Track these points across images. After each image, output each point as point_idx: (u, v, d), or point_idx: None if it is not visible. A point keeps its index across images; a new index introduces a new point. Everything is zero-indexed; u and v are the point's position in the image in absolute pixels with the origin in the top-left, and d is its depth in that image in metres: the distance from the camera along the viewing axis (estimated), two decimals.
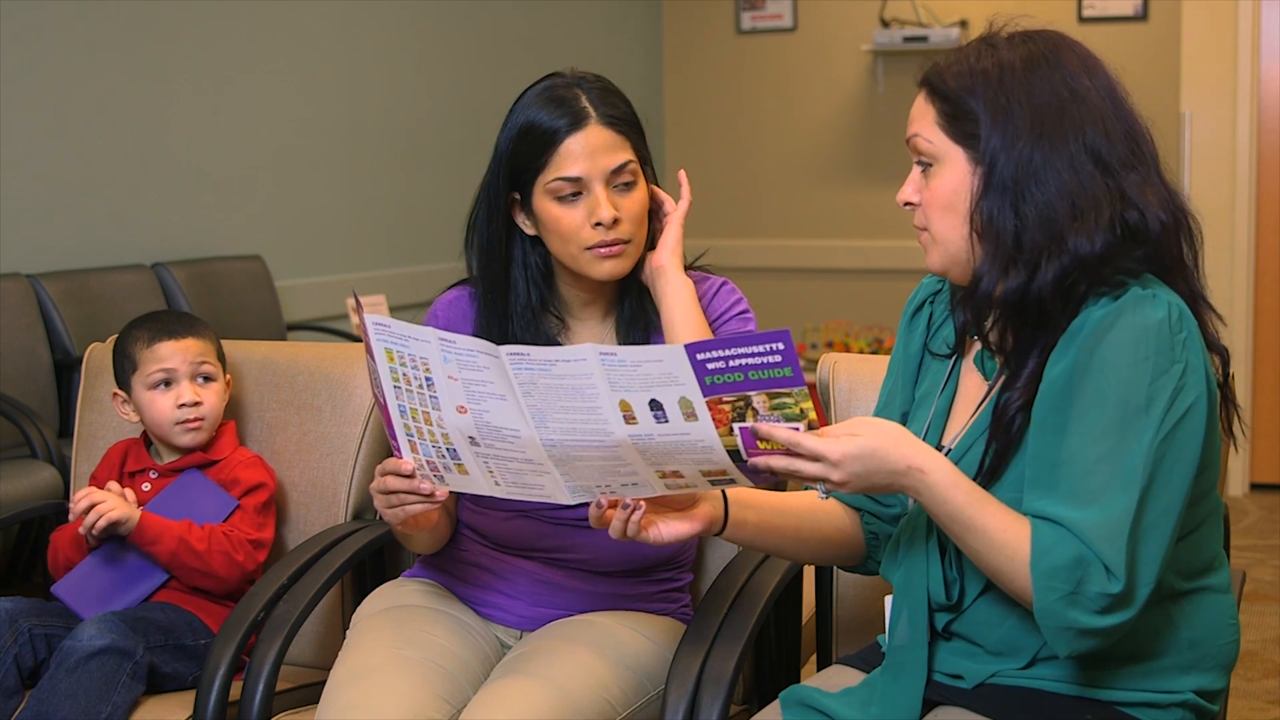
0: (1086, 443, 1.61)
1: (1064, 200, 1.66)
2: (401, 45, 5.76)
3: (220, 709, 2.11)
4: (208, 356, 2.47)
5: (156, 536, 2.33)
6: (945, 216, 1.72)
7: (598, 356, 1.60)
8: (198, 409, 2.44)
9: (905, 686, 1.76)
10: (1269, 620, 4.11)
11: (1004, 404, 1.70)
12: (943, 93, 1.72)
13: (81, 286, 4.43)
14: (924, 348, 1.90)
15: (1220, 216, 5.48)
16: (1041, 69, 1.70)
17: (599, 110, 2.05)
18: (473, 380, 1.71)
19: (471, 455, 1.77)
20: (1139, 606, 1.60)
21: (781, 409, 1.56)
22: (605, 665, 2.02)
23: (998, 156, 1.68)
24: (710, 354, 1.55)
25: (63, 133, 4.53)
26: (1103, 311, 1.63)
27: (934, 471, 1.62)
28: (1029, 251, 1.66)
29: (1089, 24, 6.17)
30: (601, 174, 2.04)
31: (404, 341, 1.75)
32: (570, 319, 2.17)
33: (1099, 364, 1.62)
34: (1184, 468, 1.63)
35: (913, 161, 1.77)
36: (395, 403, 1.80)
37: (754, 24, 6.85)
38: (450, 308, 2.20)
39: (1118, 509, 1.59)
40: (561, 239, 2.07)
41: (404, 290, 5.56)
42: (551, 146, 2.04)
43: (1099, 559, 1.58)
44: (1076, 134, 1.68)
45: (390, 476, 1.87)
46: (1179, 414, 1.62)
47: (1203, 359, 1.66)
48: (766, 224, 6.89)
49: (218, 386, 2.47)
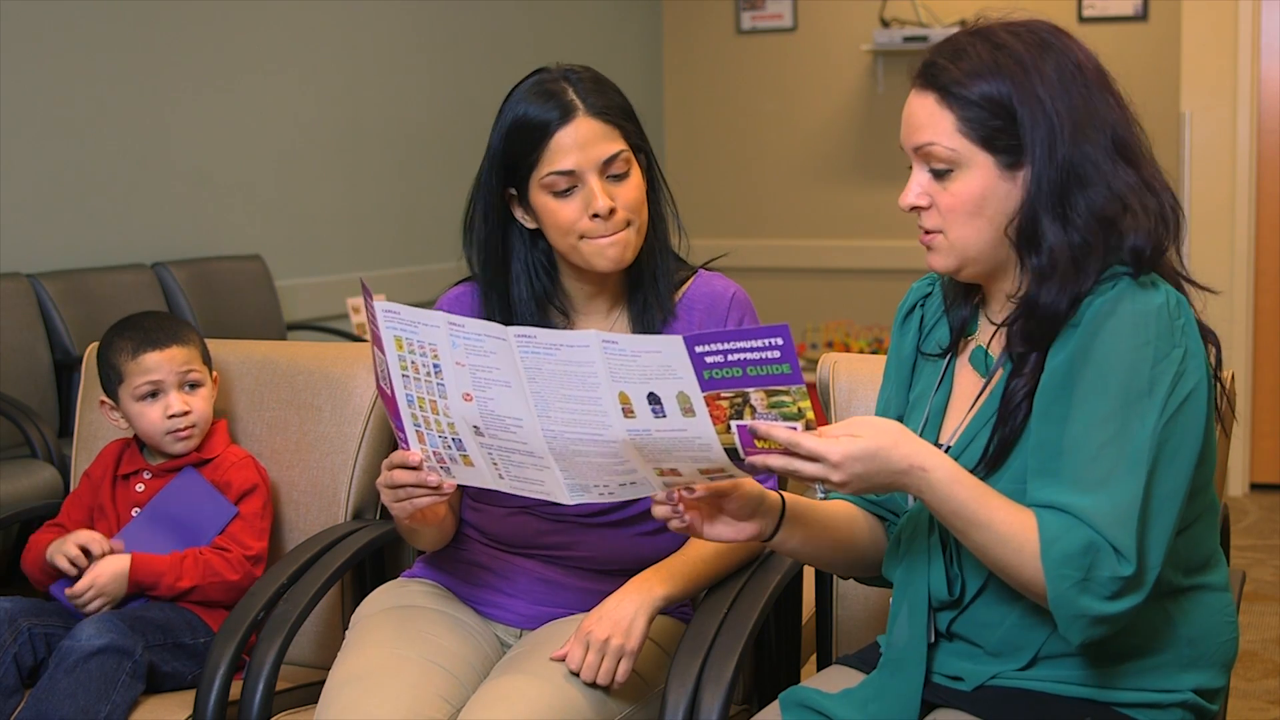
0: (1090, 429, 1.61)
1: (1113, 199, 1.66)
2: (401, 46, 5.76)
3: (220, 708, 2.11)
4: (193, 364, 2.46)
5: (153, 583, 2.35)
6: (970, 222, 1.70)
7: (600, 343, 1.61)
8: (187, 418, 2.44)
9: (903, 685, 1.76)
10: (1269, 620, 4.11)
11: (1013, 389, 1.70)
12: (962, 97, 1.68)
13: (81, 286, 4.43)
14: (916, 350, 1.90)
15: (1220, 216, 5.48)
16: (1054, 60, 1.69)
17: (587, 102, 2.05)
18: (479, 366, 1.72)
19: (476, 446, 1.78)
20: (1148, 590, 1.61)
21: (779, 407, 1.56)
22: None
23: (1041, 162, 1.66)
24: (709, 347, 1.55)
25: (63, 133, 4.52)
26: (1102, 300, 1.64)
27: (937, 469, 1.61)
28: (1085, 258, 1.65)
29: (1089, 24, 6.17)
30: (594, 165, 2.05)
31: (413, 328, 1.76)
32: (575, 314, 2.17)
33: (1100, 351, 1.62)
34: (1187, 452, 1.63)
35: (912, 164, 1.74)
36: (404, 392, 1.81)
37: (754, 24, 6.85)
38: (455, 304, 2.21)
39: (1125, 493, 1.59)
40: (560, 232, 2.07)
41: (404, 290, 5.56)
42: (543, 141, 2.05)
43: (1109, 543, 1.58)
44: (1103, 127, 1.68)
45: (398, 469, 1.88)
46: (1181, 398, 1.62)
47: (1201, 346, 1.67)
48: (766, 224, 6.89)
49: (205, 391, 2.47)
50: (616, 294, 2.17)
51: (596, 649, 1.97)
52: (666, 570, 2.06)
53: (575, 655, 1.97)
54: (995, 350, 1.79)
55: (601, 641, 1.97)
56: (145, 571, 2.34)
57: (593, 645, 1.97)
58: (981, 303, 1.83)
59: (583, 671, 1.96)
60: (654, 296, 2.15)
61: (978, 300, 1.84)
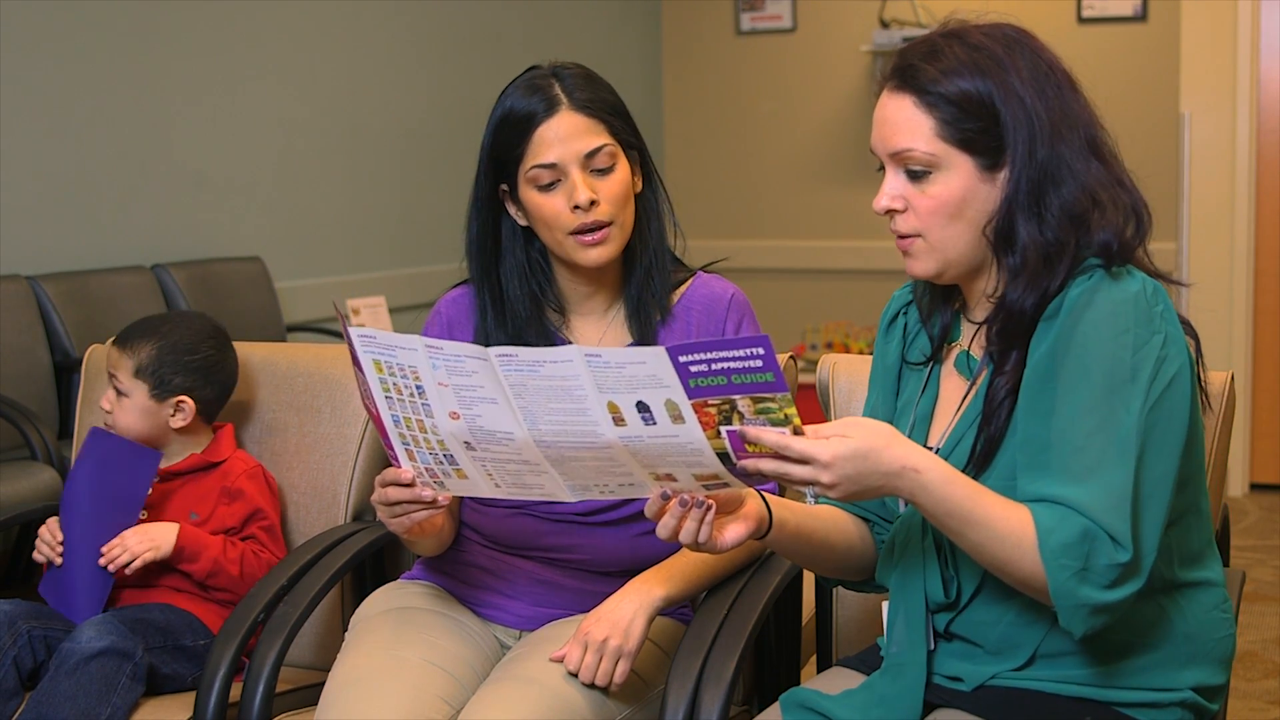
0: (1075, 419, 1.61)
1: (1084, 195, 1.66)
2: (401, 46, 5.76)
3: (220, 710, 2.11)
4: (118, 371, 2.47)
5: (195, 554, 2.38)
6: (950, 224, 1.70)
7: (583, 358, 1.60)
8: (106, 416, 2.49)
9: (905, 688, 1.76)
10: (1269, 620, 4.11)
11: (996, 387, 1.70)
12: (941, 96, 1.67)
13: (81, 288, 4.43)
14: (901, 358, 1.89)
15: (1220, 216, 5.48)
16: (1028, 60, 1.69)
17: (572, 96, 2.07)
18: (463, 385, 1.70)
19: (469, 459, 1.77)
20: (1145, 576, 1.61)
21: (766, 413, 1.56)
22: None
23: (1021, 162, 1.66)
24: (692, 357, 1.55)
25: (63, 133, 4.53)
26: (1079, 291, 1.64)
27: (929, 470, 1.61)
28: (1057, 256, 1.66)
29: (1089, 24, 6.18)
30: (576, 158, 2.05)
31: (390, 351, 1.75)
32: (571, 314, 2.17)
33: (1080, 341, 1.62)
34: (1175, 436, 1.63)
35: (884, 166, 1.73)
36: (389, 413, 1.79)
37: (753, 25, 6.85)
38: (453, 305, 2.21)
39: (1116, 480, 1.59)
40: (546, 226, 2.08)
41: (403, 291, 5.56)
42: (527, 134, 2.06)
43: (1104, 530, 1.58)
44: (1077, 126, 1.69)
45: (391, 487, 1.87)
46: (1164, 382, 1.62)
47: (1181, 331, 1.67)
48: (766, 224, 6.89)
49: (127, 402, 2.46)
50: (613, 294, 2.17)
51: (595, 650, 1.97)
52: (666, 571, 2.06)
53: (574, 656, 1.98)
54: (978, 352, 1.79)
55: (600, 642, 1.97)
56: (193, 539, 2.37)
57: (591, 646, 1.97)
58: (962, 307, 1.83)
59: (581, 672, 1.97)
60: (649, 295, 2.14)
61: (958, 306, 1.83)
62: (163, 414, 2.47)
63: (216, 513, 2.44)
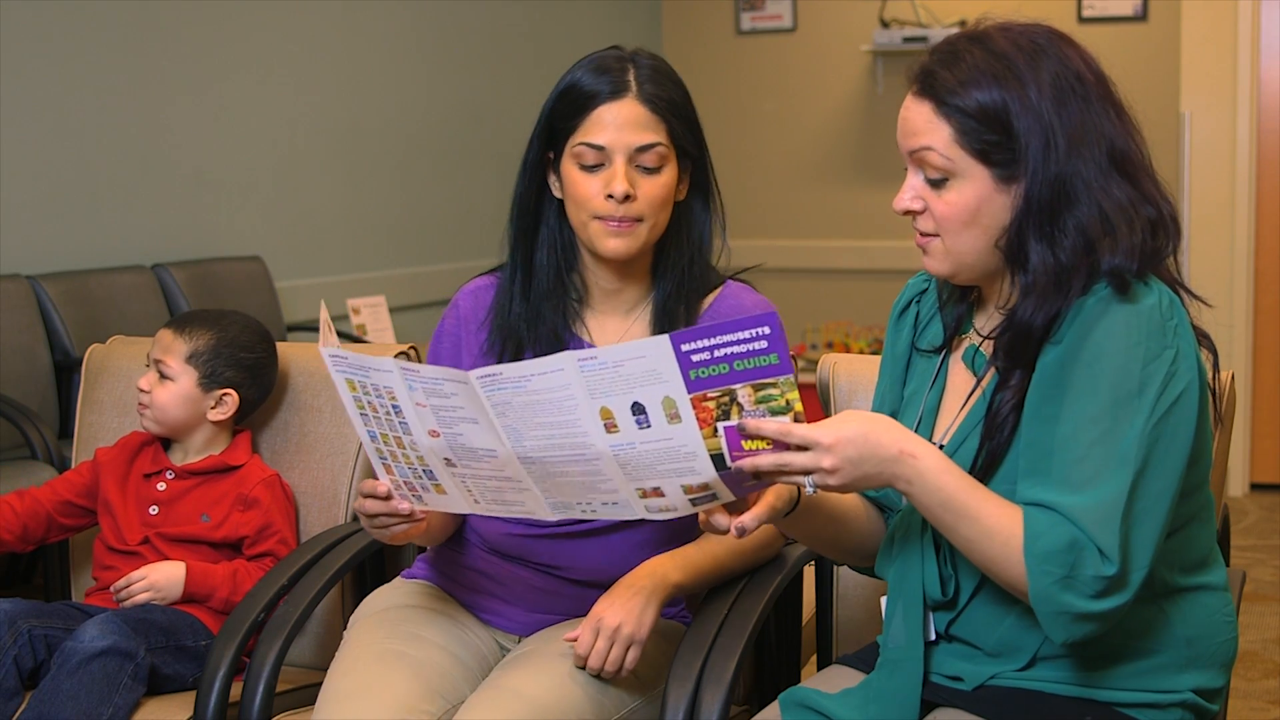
0: (1079, 429, 1.61)
1: (1097, 216, 1.65)
2: (401, 46, 5.76)
3: (220, 710, 2.11)
4: (168, 355, 2.48)
5: (205, 596, 2.38)
6: (965, 231, 1.70)
7: (576, 364, 1.58)
8: (143, 396, 2.49)
9: (902, 685, 1.76)
10: (1269, 620, 4.11)
11: (999, 403, 1.70)
12: (958, 108, 1.67)
13: (81, 287, 4.43)
14: (911, 346, 1.89)
15: (1220, 216, 5.48)
16: (1052, 70, 1.67)
17: (641, 87, 2.04)
18: (442, 406, 1.68)
19: (448, 475, 1.76)
20: (1133, 591, 1.60)
21: (767, 401, 1.55)
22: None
23: (1034, 177, 1.65)
24: (695, 344, 1.54)
25: (63, 133, 4.52)
26: (1095, 300, 1.63)
27: (925, 457, 1.61)
28: (1068, 280, 1.65)
29: (1089, 24, 6.18)
30: (626, 148, 2.03)
31: (364, 372, 1.73)
32: (592, 308, 2.15)
33: (1091, 350, 1.62)
34: (1177, 453, 1.63)
35: (907, 166, 1.73)
36: (364, 429, 1.78)
37: (754, 24, 6.85)
38: (471, 298, 2.19)
39: (1110, 493, 1.59)
40: (576, 204, 2.06)
41: (403, 291, 5.56)
42: (585, 110, 2.04)
43: (1092, 542, 1.58)
44: (1099, 141, 1.67)
45: (368, 500, 1.87)
46: (1171, 399, 1.62)
47: (1194, 347, 1.67)
48: (766, 224, 6.88)
49: (173, 387, 2.47)
50: (638, 295, 2.15)
51: (607, 636, 1.97)
52: (682, 557, 2.05)
53: (585, 640, 1.97)
54: (988, 350, 1.78)
55: (612, 629, 1.97)
56: (201, 583, 2.37)
57: (603, 632, 1.97)
58: (977, 301, 1.83)
59: (591, 658, 1.96)
60: (677, 303, 2.11)
61: (973, 298, 1.83)
62: (204, 404, 2.48)
63: (230, 518, 2.44)
